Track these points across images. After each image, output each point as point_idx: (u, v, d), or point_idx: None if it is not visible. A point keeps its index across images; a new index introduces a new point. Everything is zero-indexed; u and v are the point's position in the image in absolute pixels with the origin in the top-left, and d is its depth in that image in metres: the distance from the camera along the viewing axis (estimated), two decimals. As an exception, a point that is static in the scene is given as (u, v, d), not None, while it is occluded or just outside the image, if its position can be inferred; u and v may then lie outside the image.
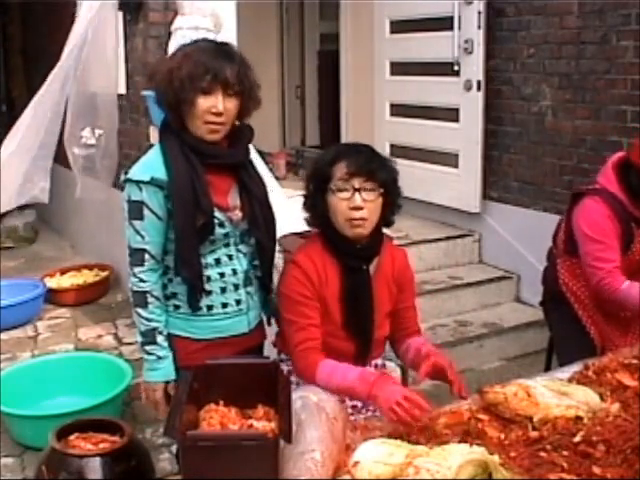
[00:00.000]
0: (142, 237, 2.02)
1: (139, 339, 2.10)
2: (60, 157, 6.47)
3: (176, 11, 3.65)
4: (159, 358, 2.07)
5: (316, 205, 2.09)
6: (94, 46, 4.15)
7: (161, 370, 2.08)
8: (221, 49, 2.05)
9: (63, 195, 6.61)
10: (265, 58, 6.24)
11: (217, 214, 2.05)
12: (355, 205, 2.00)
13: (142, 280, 2.04)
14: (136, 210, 2.01)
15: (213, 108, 1.98)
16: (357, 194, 2.00)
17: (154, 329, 2.06)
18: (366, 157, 2.04)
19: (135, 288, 2.06)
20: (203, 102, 1.98)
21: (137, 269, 2.04)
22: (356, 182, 2.00)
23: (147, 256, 2.03)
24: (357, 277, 2.12)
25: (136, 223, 2.02)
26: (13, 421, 3.29)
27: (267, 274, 2.26)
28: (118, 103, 4.46)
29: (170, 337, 2.13)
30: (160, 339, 2.07)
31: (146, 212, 2.01)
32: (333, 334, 2.10)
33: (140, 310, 2.06)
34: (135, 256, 2.04)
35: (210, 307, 2.13)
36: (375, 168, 2.02)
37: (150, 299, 2.05)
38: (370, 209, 2.01)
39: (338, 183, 2.01)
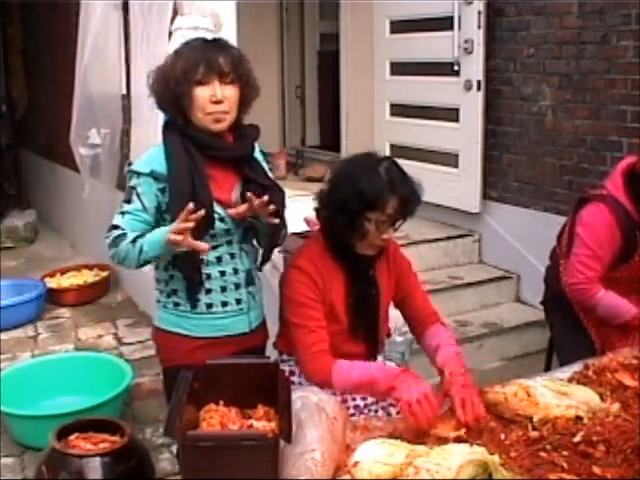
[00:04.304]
0: (122, 216, 2.04)
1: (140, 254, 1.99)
2: (61, 157, 6.48)
3: (176, 11, 3.65)
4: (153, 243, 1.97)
5: (346, 223, 2.01)
6: (96, 47, 4.16)
7: (157, 244, 1.96)
8: (213, 43, 2.08)
9: (63, 195, 6.62)
10: (265, 58, 6.23)
11: (217, 209, 2.05)
12: (389, 238, 2.07)
13: (112, 243, 2.01)
14: (128, 194, 2.06)
15: (212, 97, 2.01)
16: (391, 229, 2.04)
17: (132, 240, 1.99)
18: (412, 195, 2.03)
19: (109, 246, 2.02)
20: (201, 93, 2.00)
21: (107, 240, 2.03)
22: (397, 221, 2.04)
23: (117, 232, 2.02)
24: (364, 283, 2.14)
25: (124, 205, 2.05)
26: (13, 421, 3.29)
27: (265, 249, 2.21)
28: (122, 104, 4.46)
29: (169, 335, 2.14)
30: (138, 242, 1.98)
31: (134, 197, 2.04)
32: (339, 336, 2.10)
33: (115, 248, 2.01)
34: (109, 230, 2.03)
35: (210, 305, 2.13)
36: (415, 208, 2.05)
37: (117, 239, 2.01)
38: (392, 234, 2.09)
39: (382, 217, 2.00)
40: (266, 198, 1.97)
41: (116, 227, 2.03)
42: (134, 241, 1.99)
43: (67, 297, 5.02)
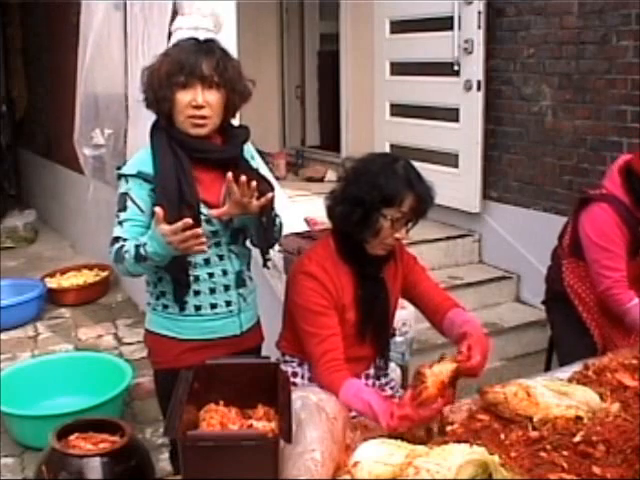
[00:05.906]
0: (121, 225, 2.02)
1: (135, 262, 1.96)
2: (61, 157, 6.48)
3: (176, 11, 3.65)
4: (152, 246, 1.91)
5: (360, 218, 2.00)
6: (99, 47, 4.16)
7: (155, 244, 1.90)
8: (201, 46, 2.06)
9: (63, 195, 6.62)
10: (265, 58, 6.24)
11: (204, 210, 2.03)
12: (401, 237, 2.05)
13: (116, 258, 2.00)
14: (121, 202, 2.03)
15: (193, 102, 2.00)
16: (404, 228, 2.04)
17: (138, 251, 1.94)
18: (427, 194, 2.04)
19: (115, 262, 2.01)
20: (182, 97, 2.01)
21: (110, 256, 2.02)
22: (411, 221, 2.05)
23: (118, 244, 2.00)
24: (374, 285, 2.13)
25: (120, 214, 2.03)
26: (13, 421, 3.29)
27: (262, 246, 2.17)
28: (125, 104, 4.46)
29: (159, 337, 2.14)
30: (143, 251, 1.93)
31: (129, 203, 2.02)
32: (347, 340, 2.08)
33: (121, 264, 1.99)
34: (112, 244, 2.02)
35: (198, 307, 2.12)
36: (427, 209, 2.05)
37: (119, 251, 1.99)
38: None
39: (397, 214, 2.00)
40: (247, 181, 1.93)
41: (117, 239, 2.01)
42: (137, 255, 1.93)
43: (67, 297, 5.02)
